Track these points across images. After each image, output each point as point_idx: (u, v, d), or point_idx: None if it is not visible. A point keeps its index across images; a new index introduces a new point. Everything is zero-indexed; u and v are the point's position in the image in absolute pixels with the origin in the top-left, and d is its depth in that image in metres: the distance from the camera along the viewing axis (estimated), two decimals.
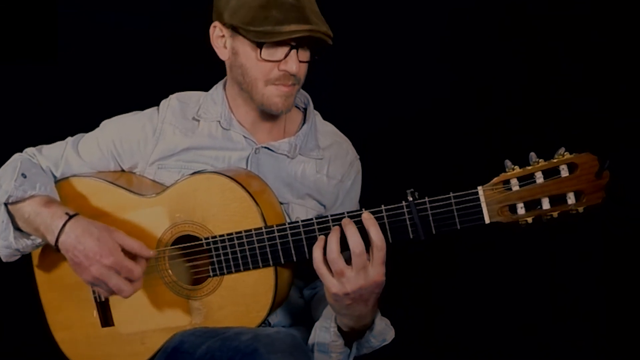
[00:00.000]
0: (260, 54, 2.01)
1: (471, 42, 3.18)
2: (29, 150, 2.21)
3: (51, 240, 1.97)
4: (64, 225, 1.95)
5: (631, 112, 3.01)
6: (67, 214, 1.97)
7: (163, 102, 2.21)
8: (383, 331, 1.97)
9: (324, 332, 1.97)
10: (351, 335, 1.97)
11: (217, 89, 2.22)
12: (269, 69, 2.03)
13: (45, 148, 2.21)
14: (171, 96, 2.22)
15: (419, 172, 3.00)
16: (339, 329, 1.95)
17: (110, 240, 1.94)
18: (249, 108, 2.15)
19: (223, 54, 2.12)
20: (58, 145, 2.21)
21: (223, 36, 2.09)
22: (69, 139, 2.22)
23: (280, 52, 2.01)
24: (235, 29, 2.03)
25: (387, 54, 3.15)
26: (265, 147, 2.16)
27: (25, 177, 2.04)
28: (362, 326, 1.94)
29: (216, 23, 2.09)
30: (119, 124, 2.20)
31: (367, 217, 1.82)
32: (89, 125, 2.25)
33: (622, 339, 3.08)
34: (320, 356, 1.98)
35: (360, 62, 2.91)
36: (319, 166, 2.21)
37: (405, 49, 3.16)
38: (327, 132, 2.29)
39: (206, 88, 2.27)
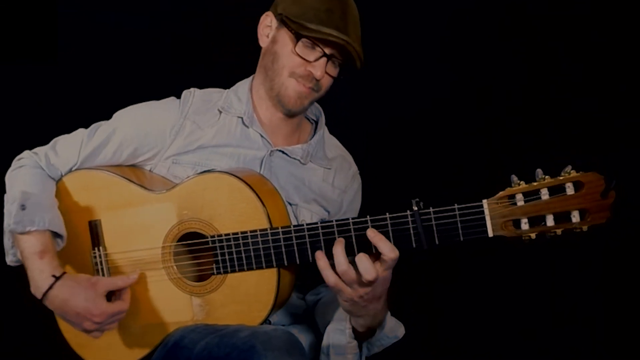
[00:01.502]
0: (295, 47, 2.11)
1: (471, 42, 3.20)
2: (40, 151, 2.20)
3: (37, 295, 2.03)
4: (50, 288, 2.00)
5: (631, 112, 3.03)
6: (53, 276, 2.01)
7: (185, 96, 2.23)
8: (394, 327, 2.01)
9: (339, 334, 2.01)
10: (363, 336, 2.01)
11: (242, 86, 2.27)
12: (297, 64, 2.13)
13: (60, 146, 2.20)
14: (195, 92, 2.24)
15: (421, 174, 3.06)
16: (353, 329, 1.99)
17: (96, 296, 2.00)
18: (270, 104, 2.21)
19: (263, 41, 2.21)
20: (74, 141, 2.19)
21: (270, 26, 2.18)
22: (84, 132, 2.21)
23: (313, 55, 2.11)
24: (283, 22, 2.12)
25: (390, 61, 3.16)
26: (280, 151, 2.21)
27: (24, 208, 2.05)
28: (378, 323, 1.98)
29: (269, 13, 2.20)
30: (138, 117, 2.21)
31: (372, 235, 1.84)
32: (89, 125, 2.25)
33: (620, 344, 3.13)
34: (336, 358, 2.02)
35: (363, 68, 2.92)
36: (325, 175, 2.29)
37: (408, 57, 3.19)
38: (332, 145, 2.36)
39: (206, 87, 2.29)
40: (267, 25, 2.19)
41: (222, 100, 2.23)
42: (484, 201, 1.79)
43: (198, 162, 2.16)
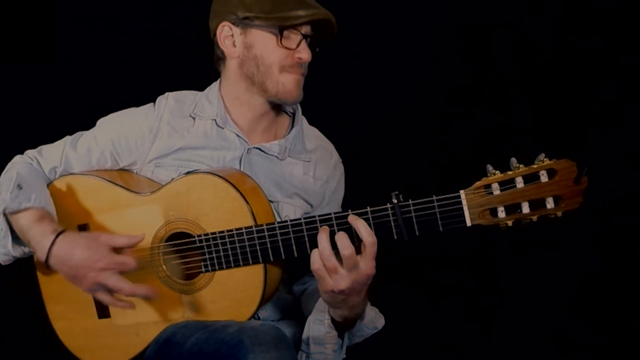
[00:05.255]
0: (281, 40, 2.13)
1: (456, 43, 3.24)
2: (30, 153, 2.27)
3: (41, 257, 2.07)
4: (53, 243, 2.05)
5: (602, 97, 3.06)
6: (55, 231, 2.06)
7: (160, 100, 2.26)
8: (374, 319, 2.05)
9: (318, 324, 2.04)
10: (344, 326, 2.05)
11: (212, 89, 2.29)
12: (284, 55, 2.15)
13: (45, 149, 2.27)
14: (168, 95, 2.28)
15: (404, 171, 3.08)
16: (332, 320, 2.03)
17: (99, 245, 2.04)
18: (246, 109, 2.24)
19: (232, 52, 2.20)
20: (58, 145, 2.26)
21: (232, 35, 2.19)
22: (68, 138, 2.28)
23: (294, 42, 2.14)
24: (248, 24, 2.15)
25: (372, 55, 3.20)
26: (257, 148, 2.23)
27: (20, 188, 2.11)
28: (355, 315, 2.01)
29: (225, 23, 2.19)
30: (116, 123, 2.26)
31: (353, 219, 1.88)
32: (89, 125, 2.30)
33: (619, 343, 3.13)
34: (315, 348, 2.05)
35: (346, 63, 2.93)
36: (306, 168, 2.31)
37: (390, 49, 3.21)
38: (312, 136, 2.38)
39: (204, 88, 2.32)
40: (228, 35, 2.20)
41: (195, 106, 2.26)
42: (461, 192, 1.83)
43: (180, 164, 2.21)
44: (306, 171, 2.30)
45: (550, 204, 1.79)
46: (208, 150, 2.22)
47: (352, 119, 3.18)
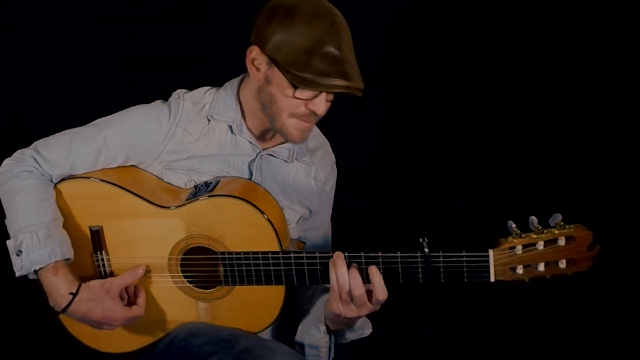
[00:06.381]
0: (294, 93, 2.06)
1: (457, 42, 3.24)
2: (27, 153, 2.19)
3: (55, 309, 2.11)
4: (69, 304, 2.09)
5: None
6: (70, 293, 2.08)
7: (175, 102, 2.22)
8: (362, 325, 2.21)
9: (315, 330, 2.18)
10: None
11: (230, 91, 2.25)
12: (296, 104, 2.09)
13: (46, 149, 2.18)
14: (185, 96, 2.23)
15: (404, 171, 3.16)
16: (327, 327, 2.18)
17: (113, 303, 2.12)
18: (259, 122, 2.23)
19: (255, 75, 2.13)
20: (60, 148, 2.18)
21: (258, 59, 2.10)
22: (69, 139, 2.20)
23: (311, 92, 2.07)
24: (275, 62, 2.05)
25: (371, 52, 3.08)
26: (268, 154, 2.27)
27: (19, 254, 2.08)
28: (348, 327, 2.18)
29: (254, 48, 2.10)
30: (128, 127, 2.21)
31: (373, 273, 1.99)
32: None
33: (617, 343, 3.23)
34: (311, 351, 2.20)
35: None
36: (308, 170, 2.36)
37: (390, 49, 3.20)
38: (312, 133, 2.36)
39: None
40: (255, 59, 2.11)
41: (211, 107, 2.24)
42: (490, 251, 1.97)
43: (191, 167, 2.22)
44: (308, 173, 2.36)
45: (562, 264, 1.99)
46: (220, 156, 2.24)
47: (352, 119, 3.17)
